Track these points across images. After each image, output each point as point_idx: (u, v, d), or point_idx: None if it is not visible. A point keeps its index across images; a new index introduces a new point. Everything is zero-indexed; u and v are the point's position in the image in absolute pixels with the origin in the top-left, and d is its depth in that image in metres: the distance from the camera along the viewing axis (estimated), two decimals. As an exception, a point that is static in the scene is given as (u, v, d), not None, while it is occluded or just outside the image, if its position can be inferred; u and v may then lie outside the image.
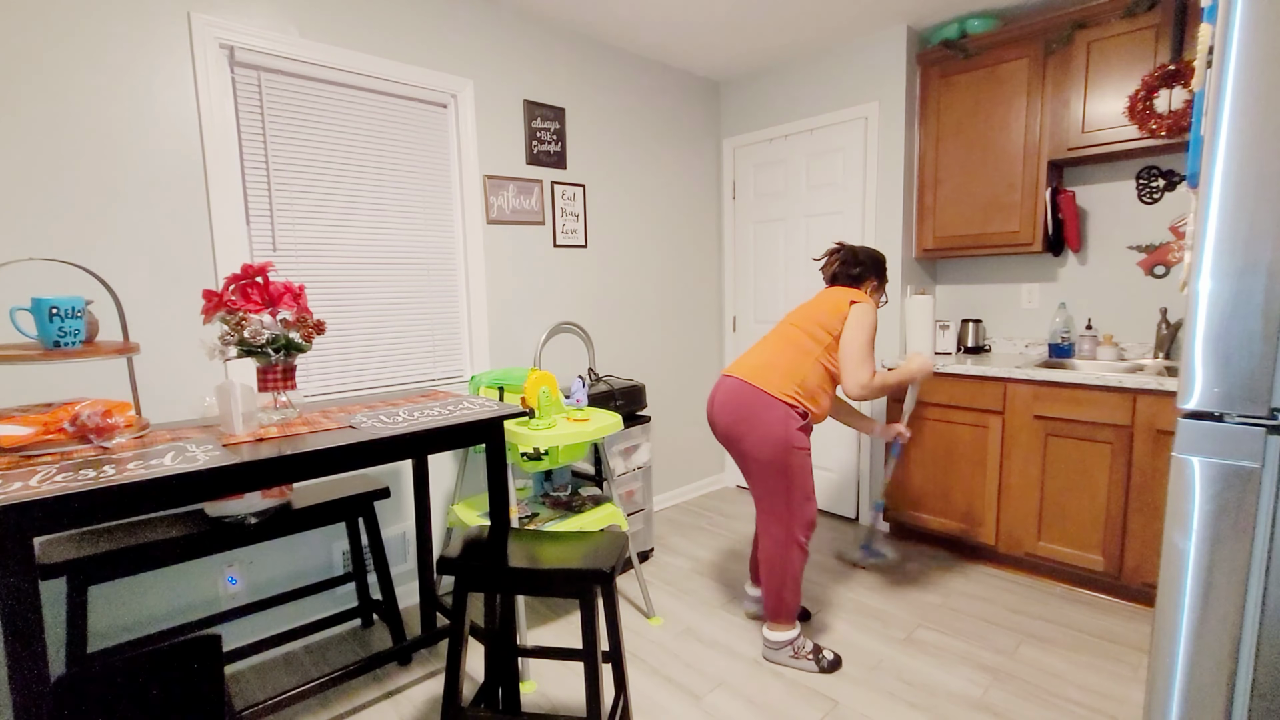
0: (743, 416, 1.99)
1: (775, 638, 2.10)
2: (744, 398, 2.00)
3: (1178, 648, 1.01)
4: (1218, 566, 0.97)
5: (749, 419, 1.98)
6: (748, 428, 1.99)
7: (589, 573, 1.47)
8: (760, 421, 1.96)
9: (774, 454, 1.96)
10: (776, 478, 1.99)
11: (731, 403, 2.03)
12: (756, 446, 1.98)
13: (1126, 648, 2.16)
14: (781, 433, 1.95)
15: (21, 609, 1.03)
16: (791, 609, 2.08)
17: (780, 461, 1.96)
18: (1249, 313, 0.94)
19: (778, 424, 1.95)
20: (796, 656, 2.08)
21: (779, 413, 1.95)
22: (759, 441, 1.97)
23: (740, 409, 2.00)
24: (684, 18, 2.85)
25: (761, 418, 1.96)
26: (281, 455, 1.34)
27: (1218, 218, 0.96)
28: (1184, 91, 2.30)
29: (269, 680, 2.08)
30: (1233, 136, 0.93)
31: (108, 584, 1.91)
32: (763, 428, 1.96)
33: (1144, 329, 2.75)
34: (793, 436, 1.95)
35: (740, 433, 2.01)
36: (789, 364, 2.01)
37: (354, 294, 2.37)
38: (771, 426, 1.95)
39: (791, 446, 1.96)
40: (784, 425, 1.95)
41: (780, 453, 1.96)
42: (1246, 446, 0.95)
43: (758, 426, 1.97)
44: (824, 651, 2.09)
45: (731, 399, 2.03)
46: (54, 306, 1.35)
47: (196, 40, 1.94)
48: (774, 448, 1.96)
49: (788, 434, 1.95)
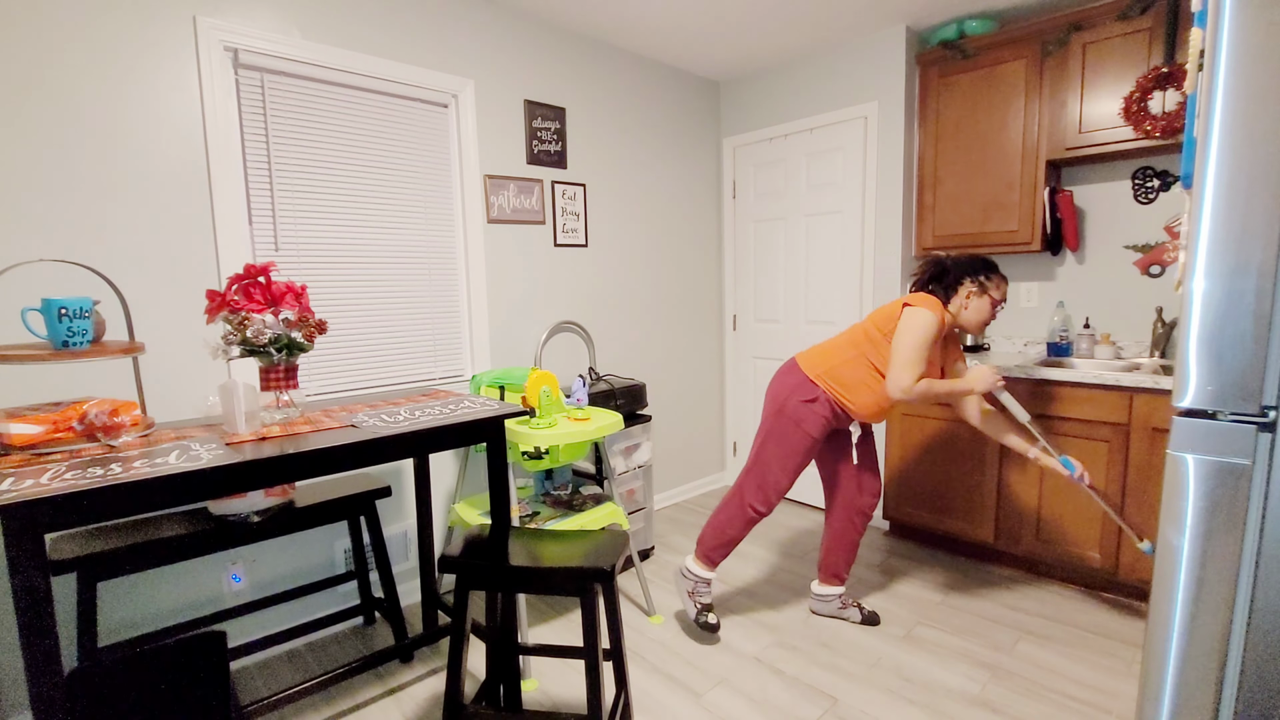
0: (773, 383, 2.20)
1: (691, 567, 2.26)
2: (784, 369, 2.21)
3: (1171, 640, 1.03)
4: (1210, 561, 0.99)
5: (772, 383, 2.21)
6: (769, 389, 2.21)
7: (590, 571, 1.48)
8: (778, 381, 2.17)
9: (770, 408, 2.15)
10: (763, 435, 2.15)
11: (776, 374, 2.23)
12: (765, 401, 2.20)
13: (1122, 643, 2.17)
14: (785, 394, 2.12)
15: (35, 604, 1.05)
16: (716, 553, 2.22)
17: (770, 417, 2.14)
18: (1241, 312, 0.95)
19: (786, 387, 2.12)
20: (692, 597, 2.24)
21: (796, 380, 2.11)
22: (767, 397, 2.19)
23: (776, 378, 2.21)
24: (684, 17, 2.86)
25: (781, 380, 2.16)
26: (284, 454, 1.35)
27: (1211, 218, 0.97)
28: (1177, 93, 2.32)
29: (273, 676, 2.09)
30: (1225, 139, 0.95)
31: (116, 580, 1.93)
32: (775, 386, 2.17)
33: (1141, 328, 2.77)
34: (793, 402, 2.09)
35: (768, 395, 2.22)
36: (830, 351, 2.13)
37: (356, 294, 2.38)
38: (780, 387, 2.14)
39: (783, 408, 2.10)
40: (791, 389, 2.11)
41: (774, 409, 2.13)
42: (1238, 444, 0.97)
43: (774, 385, 2.18)
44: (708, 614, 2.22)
45: (778, 372, 2.24)
46: (63, 307, 1.37)
47: (201, 43, 1.96)
48: (773, 404, 2.14)
49: (789, 396, 2.10)
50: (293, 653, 2.24)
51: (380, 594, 2.50)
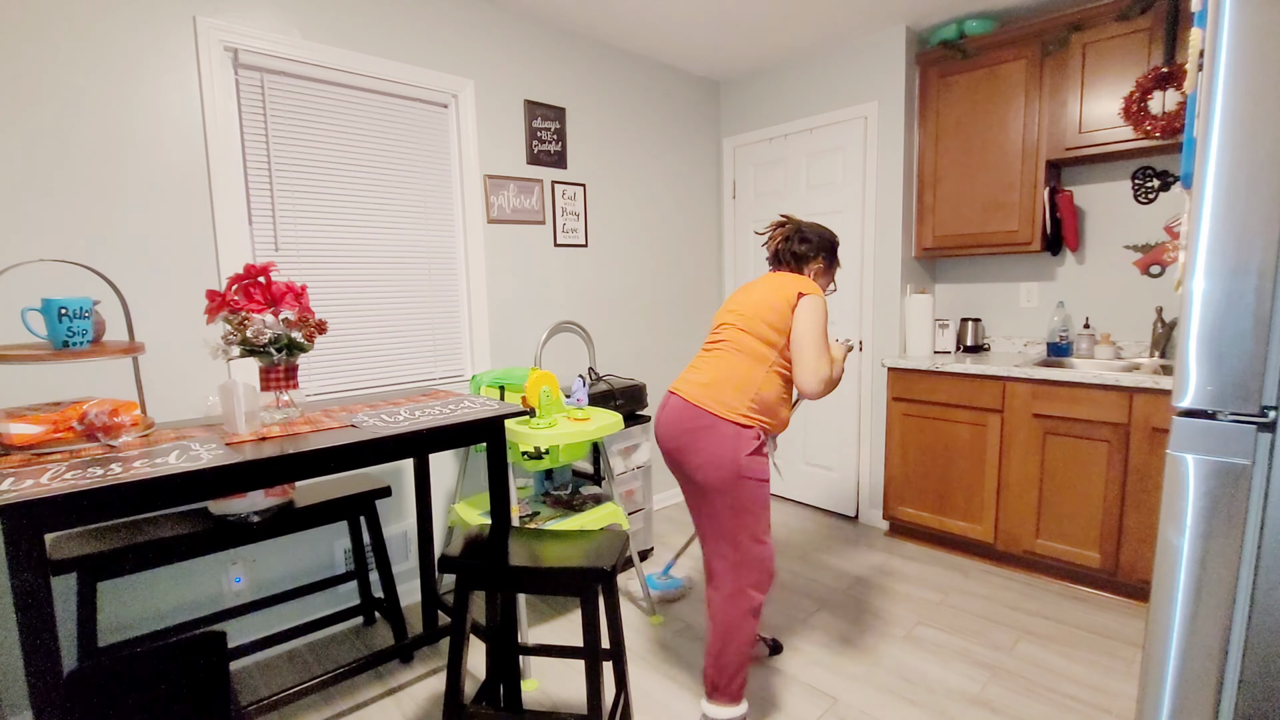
0: (687, 442, 1.72)
1: (718, 716, 1.75)
2: (688, 419, 1.73)
3: (1170, 640, 1.03)
4: (1209, 561, 0.99)
5: (693, 443, 1.71)
6: (692, 452, 1.71)
7: (590, 571, 1.48)
8: (706, 444, 1.69)
9: (720, 481, 1.68)
10: (724, 511, 1.71)
11: (676, 425, 1.75)
12: (701, 470, 1.70)
13: (1122, 643, 2.17)
14: (730, 456, 1.67)
15: (35, 603, 1.05)
16: (736, 681, 1.74)
17: (728, 491, 1.69)
18: (1240, 312, 0.95)
19: (726, 446, 1.68)
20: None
21: (728, 433, 1.68)
22: (703, 465, 1.70)
23: (685, 433, 1.73)
24: (684, 18, 2.86)
25: (708, 440, 1.69)
26: (284, 454, 1.35)
27: (1210, 218, 0.97)
28: (1177, 93, 2.32)
29: (272, 677, 2.09)
30: (1224, 139, 0.95)
31: (115, 580, 1.93)
32: (709, 450, 1.69)
33: (1140, 328, 2.77)
34: (744, 462, 1.68)
35: (684, 457, 1.74)
36: (742, 377, 1.73)
37: (356, 294, 2.38)
38: (719, 449, 1.68)
39: (740, 474, 1.68)
40: (733, 447, 1.68)
41: (728, 480, 1.68)
42: (1238, 444, 0.97)
43: (703, 449, 1.70)
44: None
45: (676, 420, 1.76)
46: (63, 307, 1.37)
47: (201, 43, 1.96)
48: (721, 473, 1.68)
49: (737, 458, 1.67)
50: (293, 653, 2.24)
51: (380, 594, 2.50)
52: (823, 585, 2.64)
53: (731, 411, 1.69)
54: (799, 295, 1.74)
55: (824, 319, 1.73)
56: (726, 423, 1.69)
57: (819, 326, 1.71)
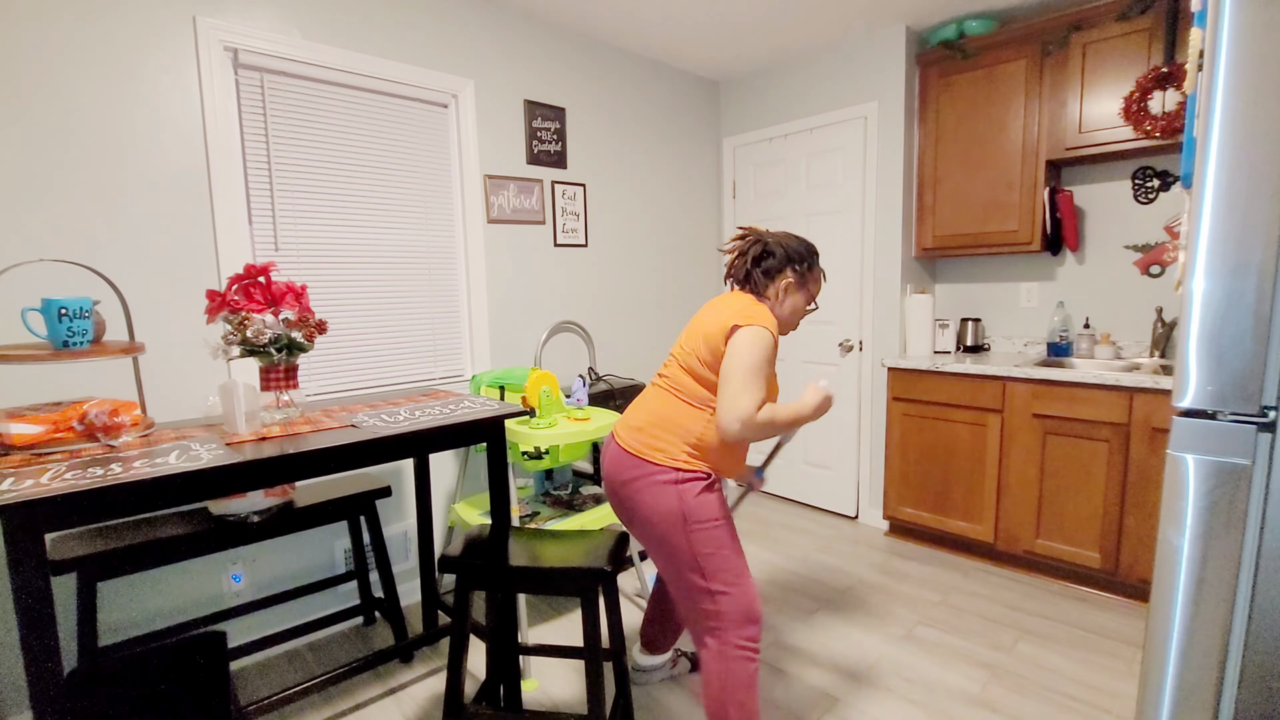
0: (626, 495, 1.59)
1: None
2: (626, 468, 1.59)
3: (1171, 640, 1.03)
4: (1210, 562, 0.99)
5: (633, 497, 1.57)
6: (634, 503, 1.57)
7: (590, 571, 1.48)
8: (646, 493, 1.55)
9: (668, 531, 1.53)
10: (681, 564, 1.55)
11: (615, 475, 1.61)
12: (645, 527, 1.57)
13: (1122, 643, 2.17)
14: (673, 505, 1.52)
15: (35, 603, 1.05)
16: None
17: (679, 542, 1.53)
18: (1241, 312, 0.95)
19: (668, 495, 1.53)
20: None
21: (667, 479, 1.53)
22: (647, 518, 1.56)
23: (623, 485, 1.59)
24: (684, 17, 2.86)
25: (646, 489, 1.55)
26: (284, 454, 1.35)
27: (1210, 218, 0.97)
28: (1177, 93, 2.32)
29: (272, 677, 2.09)
30: (1224, 138, 0.95)
31: (116, 580, 1.93)
32: (649, 500, 1.54)
33: (1140, 328, 2.77)
34: (690, 508, 1.53)
35: (627, 507, 1.60)
36: (678, 422, 1.57)
37: (356, 294, 2.38)
38: (660, 498, 1.53)
39: (688, 521, 1.52)
40: (676, 496, 1.53)
41: (675, 530, 1.53)
42: (1238, 444, 0.97)
43: (644, 500, 1.55)
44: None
45: (615, 469, 1.62)
46: (63, 307, 1.37)
47: (201, 43, 1.96)
48: (666, 524, 1.53)
49: (682, 506, 1.52)
50: (292, 653, 2.24)
51: (380, 594, 2.50)
52: (823, 585, 2.64)
53: (671, 458, 1.55)
54: (733, 328, 1.51)
55: (762, 351, 1.47)
56: (666, 470, 1.54)
57: (751, 359, 1.46)
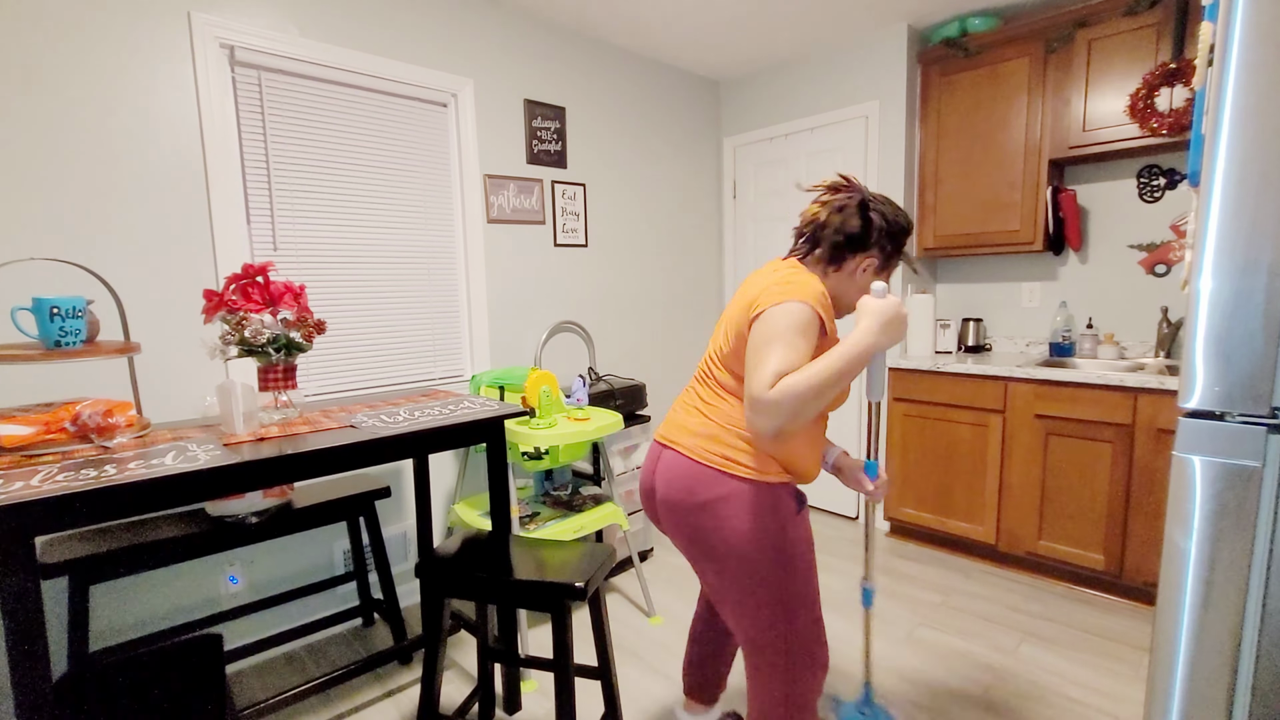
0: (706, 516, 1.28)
1: None
2: (703, 483, 1.28)
3: (1178, 646, 1.01)
4: (1218, 565, 0.97)
5: (718, 517, 1.27)
6: (716, 524, 1.27)
7: (560, 587, 1.39)
8: (736, 517, 1.26)
9: (759, 561, 1.27)
10: (762, 593, 1.28)
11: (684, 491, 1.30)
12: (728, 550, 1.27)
13: (1127, 646, 2.15)
14: (769, 526, 1.26)
15: (23, 608, 1.04)
16: None
17: (764, 567, 1.27)
18: (1250, 312, 0.93)
19: (741, 512, 1.26)
20: None
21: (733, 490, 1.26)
22: (734, 545, 1.27)
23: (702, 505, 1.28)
24: (684, 17, 2.84)
25: (737, 511, 1.26)
26: (282, 455, 1.34)
27: (1219, 216, 0.95)
28: (1185, 90, 2.30)
29: (270, 679, 2.08)
30: (1234, 135, 0.93)
31: (109, 583, 1.91)
32: (738, 524, 1.26)
33: (1145, 328, 2.75)
34: (770, 522, 1.26)
35: (704, 530, 1.29)
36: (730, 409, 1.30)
37: (354, 293, 2.37)
38: (758, 519, 1.26)
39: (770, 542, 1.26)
40: (752, 511, 1.25)
41: (765, 558, 1.26)
42: (1247, 446, 0.95)
43: (732, 524, 1.26)
44: None
45: (686, 482, 1.30)
46: (55, 306, 1.35)
47: (197, 40, 1.94)
48: (760, 551, 1.26)
49: (761, 521, 1.26)
50: (291, 655, 2.23)
51: (379, 595, 2.48)
52: (822, 585, 2.63)
53: (758, 473, 1.26)
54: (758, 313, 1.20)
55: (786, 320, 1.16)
56: (757, 485, 1.26)
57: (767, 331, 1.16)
